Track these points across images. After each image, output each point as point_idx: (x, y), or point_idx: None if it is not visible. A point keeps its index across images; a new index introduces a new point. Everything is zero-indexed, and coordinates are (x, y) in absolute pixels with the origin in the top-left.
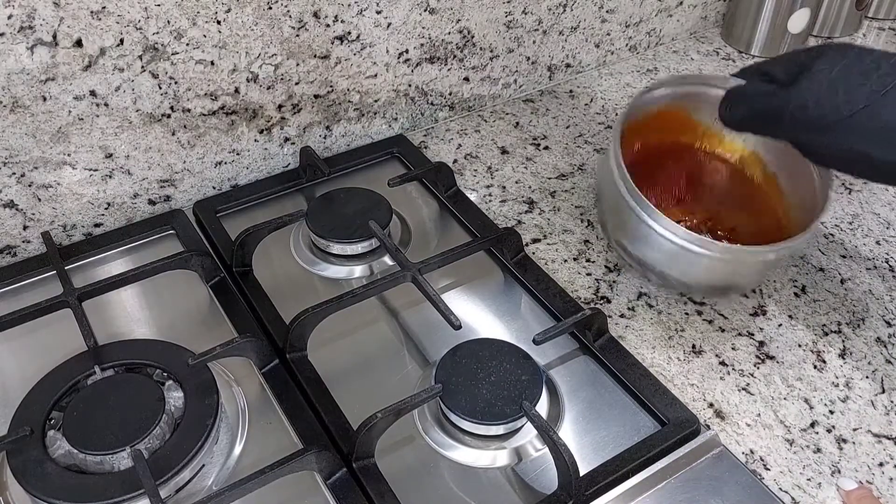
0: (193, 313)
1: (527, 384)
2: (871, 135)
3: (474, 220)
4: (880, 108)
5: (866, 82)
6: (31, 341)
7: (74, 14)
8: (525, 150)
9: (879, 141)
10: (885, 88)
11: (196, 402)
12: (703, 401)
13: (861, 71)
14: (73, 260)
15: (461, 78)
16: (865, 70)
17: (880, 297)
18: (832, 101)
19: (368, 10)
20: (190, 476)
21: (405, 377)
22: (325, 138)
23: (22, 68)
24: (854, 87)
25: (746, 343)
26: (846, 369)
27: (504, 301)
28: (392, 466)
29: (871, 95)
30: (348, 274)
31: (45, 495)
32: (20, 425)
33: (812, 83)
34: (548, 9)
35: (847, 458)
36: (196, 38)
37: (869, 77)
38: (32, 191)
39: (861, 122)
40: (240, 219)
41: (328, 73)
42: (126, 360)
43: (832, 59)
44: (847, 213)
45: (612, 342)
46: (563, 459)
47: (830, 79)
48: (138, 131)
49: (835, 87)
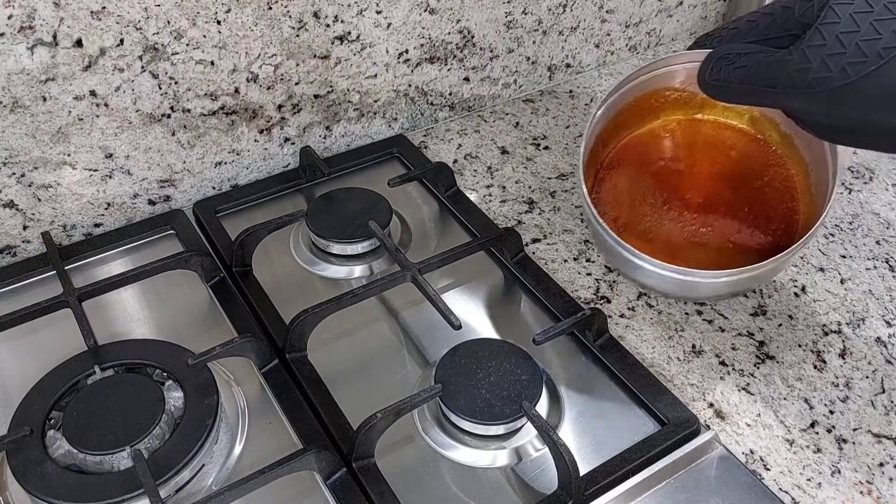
0: (193, 313)
1: (527, 384)
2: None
3: (474, 220)
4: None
5: (881, 35)
6: (31, 341)
7: (74, 14)
8: (525, 150)
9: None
10: None
11: (196, 402)
12: (703, 401)
13: (875, 19)
14: (73, 260)
15: (461, 78)
16: (880, 17)
17: (880, 297)
18: (838, 62)
19: (368, 10)
20: (190, 476)
21: (405, 377)
22: (325, 138)
23: (22, 68)
24: (865, 43)
25: (746, 343)
26: (846, 369)
27: (504, 301)
28: (392, 466)
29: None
30: (348, 274)
31: (44, 495)
32: (20, 425)
33: (813, 40)
34: (548, 9)
35: (847, 458)
36: (196, 39)
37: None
38: (32, 191)
39: (873, 85)
40: (240, 219)
41: (328, 73)
42: (126, 360)
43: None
44: (847, 213)
45: (612, 342)
46: (563, 459)
47: (837, 33)
48: (138, 131)
49: (842, 43)
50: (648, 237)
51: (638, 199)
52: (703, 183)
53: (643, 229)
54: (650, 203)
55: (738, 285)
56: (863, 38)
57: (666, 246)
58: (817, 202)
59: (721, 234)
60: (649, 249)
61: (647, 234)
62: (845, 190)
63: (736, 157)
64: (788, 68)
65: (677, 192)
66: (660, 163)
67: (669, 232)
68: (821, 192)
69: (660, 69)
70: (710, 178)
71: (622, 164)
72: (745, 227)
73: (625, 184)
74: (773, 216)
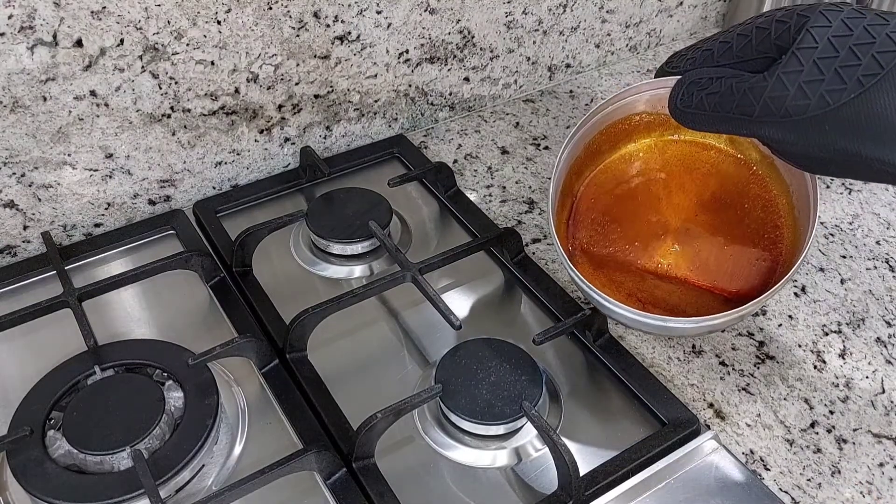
0: (193, 313)
1: (527, 384)
2: (863, 129)
3: (474, 221)
4: (877, 95)
5: (861, 60)
6: (31, 341)
7: (74, 14)
8: (525, 151)
9: (872, 136)
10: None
11: (196, 402)
12: (702, 401)
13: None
14: (73, 260)
15: (461, 78)
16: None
17: (880, 297)
18: (815, 89)
19: (368, 10)
20: (190, 476)
21: (405, 377)
22: (325, 138)
23: (22, 68)
24: (845, 69)
25: (746, 343)
26: (846, 369)
27: (504, 301)
28: (392, 466)
29: (867, 78)
30: (348, 274)
31: (44, 495)
32: (20, 425)
33: (790, 65)
34: (548, 9)
35: (847, 458)
36: (196, 39)
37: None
38: (32, 191)
39: (853, 114)
40: (240, 219)
41: (328, 73)
42: (126, 360)
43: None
44: (847, 213)
45: (611, 342)
46: (563, 459)
47: (815, 59)
48: (138, 131)
49: (820, 69)
50: (629, 270)
51: (616, 230)
52: (682, 209)
53: (624, 261)
54: (629, 234)
55: (720, 326)
56: (842, 64)
57: (646, 278)
58: (800, 224)
59: (704, 262)
60: (630, 282)
61: (629, 267)
62: (845, 190)
63: (715, 180)
64: (763, 95)
65: (657, 220)
66: (637, 190)
67: (650, 264)
68: (803, 213)
69: (630, 96)
70: (691, 203)
71: (599, 193)
72: (729, 255)
73: (602, 216)
74: (756, 241)
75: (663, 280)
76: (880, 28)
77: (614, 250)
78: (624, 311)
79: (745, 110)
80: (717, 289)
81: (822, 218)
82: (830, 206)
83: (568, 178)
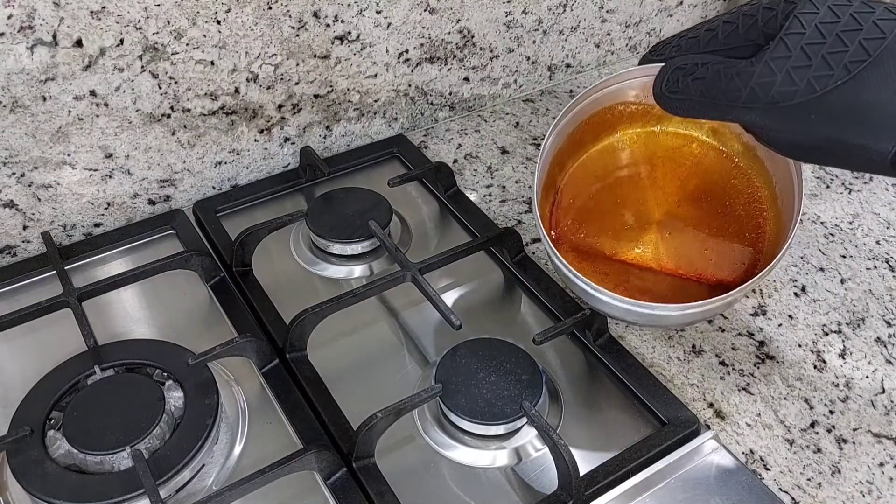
0: (193, 313)
1: (527, 384)
2: (849, 115)
3: (474, 220)
4: (863, 82)
5: (848, 47)
6: (31, 341)
7: (74, 14)
8: (525, 150)
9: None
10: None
11: (196, 402)
12: (702, 401)
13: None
14: (73, 260)
15: (461, 78)
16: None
17: (880, 296)
18: (803, 75)
19: (368, 9)
20: (190, 476)
21: (405, 377)
22: (325, 138)
23: (22, 68)
24: (832, 55)
25: (746, 343)
26: (846, 369)
27: (504, 301)
28: (392, 466)
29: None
30: (348, 274)
31: (45, 495)
32: (20, 425)
33: (777, 51)
34: (548, 9)
35: (847, 458)
36: (196, 38)
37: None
38: (32, 191)
39: (840, 100)
40: (240, 219)
41: (328, 73)
42: (126, 360)
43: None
44: (847, 213)
45: (611, 342)
46: (563, 459)
47: (802, 45)
48: (138, 131)
49: (807, 55)
50: (613, 260)
51: (599, 222)
52: (665, 200)
53: (608, 253)
54: (612, 225)
55: (707, 314)
56: (829, 51)
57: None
58: (784, 215)
59: (688, 252)
60: (615, 273)
61: (613, 258)
62: (845, 190)
63: (698, 171)
64: (750, 81)
65: (640, 211)
66: (620, 181)
67: (635, 255)
68: (787, 205)
69: (612, 86)
70: (674, 194)
71: (582, 185)
72: (713, 245)
73: (585, 205)
74: (740, 232)
75: (648, 271)
76: (867, 15)
77: (598, 242)
78: (610, 300)
79: (731, 96)
80: (703, 279)
81: (822, 218)
82: (830, 205)
83: (551, 170)
